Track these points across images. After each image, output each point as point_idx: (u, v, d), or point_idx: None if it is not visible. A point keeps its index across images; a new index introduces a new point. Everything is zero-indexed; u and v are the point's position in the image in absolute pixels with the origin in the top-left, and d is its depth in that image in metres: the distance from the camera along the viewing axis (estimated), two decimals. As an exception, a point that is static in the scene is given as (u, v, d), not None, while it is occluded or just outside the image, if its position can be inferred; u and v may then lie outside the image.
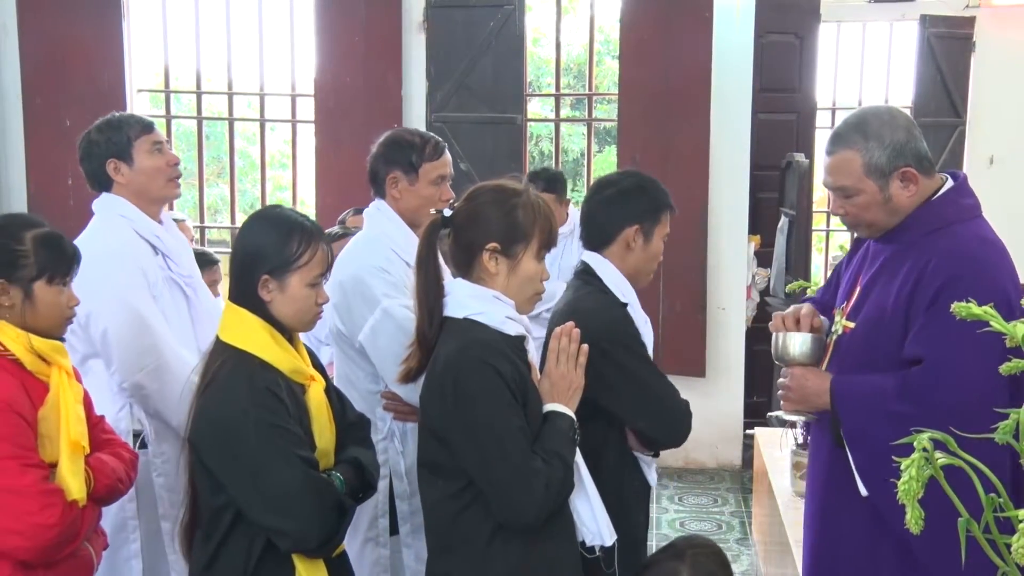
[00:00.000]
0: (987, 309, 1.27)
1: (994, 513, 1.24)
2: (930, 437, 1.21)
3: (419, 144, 2.75)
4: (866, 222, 2.21)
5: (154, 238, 2.78)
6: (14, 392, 2.07)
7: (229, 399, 1.98)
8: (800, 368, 2.23)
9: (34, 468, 2.07)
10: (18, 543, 2.04)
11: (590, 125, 6.97)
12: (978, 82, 6.63)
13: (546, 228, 2.07)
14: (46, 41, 5.92)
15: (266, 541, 2.00)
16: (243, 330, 2.04)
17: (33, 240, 2.15)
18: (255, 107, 6.77)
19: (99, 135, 2.83)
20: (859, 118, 2.18)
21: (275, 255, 2.04)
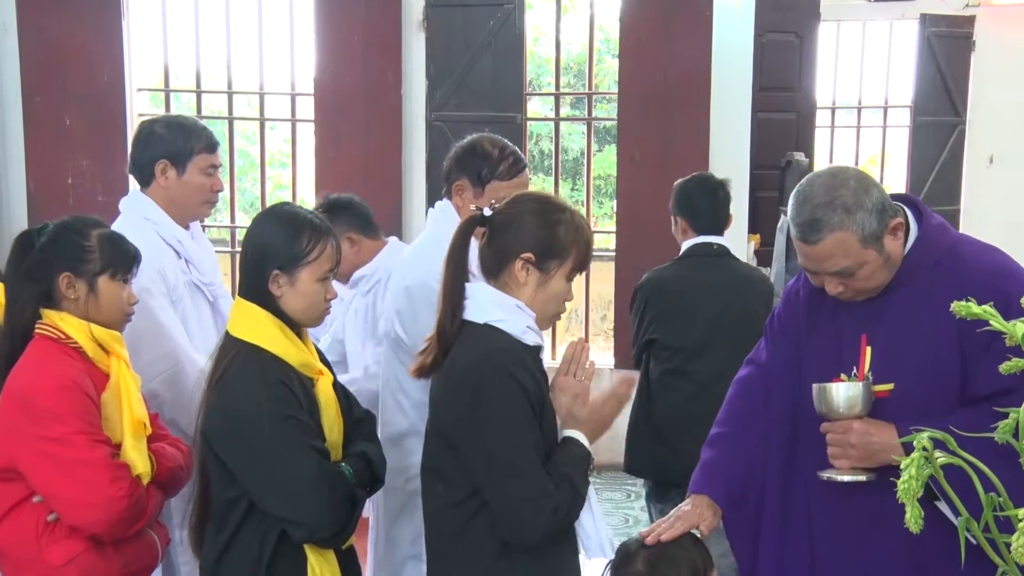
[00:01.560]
0: (987, 308, 1.27)
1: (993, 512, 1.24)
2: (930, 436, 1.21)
3: (495, 159, 2.60)
4: (871, 289, 2.08)
5: (176, 243, 2.74)
6: (80, 374, 2.16)
7: (242, 392, 2.01)
8: (860, 422, 2.02)
9: (102, 443, 2.14)
10: (92, 515, 2.10)
11: (590, 124, 6.97)
12: (978, 81, 6.63)
13: (583, 251, 2.05)
14: (46, 40, 5.92)
15: (280, 533, 2.02)
16: (253, 324, 2.07)
17: (98, 237, 2.25)
18: (255, 106, 6.77)
19: (166, 131, 2.73)
20: (828, 196, 2.00)
21: (285, 250, 2.06)
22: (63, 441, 2.08)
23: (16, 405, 2.13)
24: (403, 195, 6.02)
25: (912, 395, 2.03)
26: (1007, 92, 6.53)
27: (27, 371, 2.16)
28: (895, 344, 2.07)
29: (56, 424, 2.08)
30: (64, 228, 2.25)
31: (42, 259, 2.21)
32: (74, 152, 5.92)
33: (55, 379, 2.11)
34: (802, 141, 6.43)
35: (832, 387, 2.05)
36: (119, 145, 6.04)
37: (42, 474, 2.11)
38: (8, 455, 2.13)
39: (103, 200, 5.88)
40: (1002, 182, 6.33)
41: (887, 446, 1.97)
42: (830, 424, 2.06)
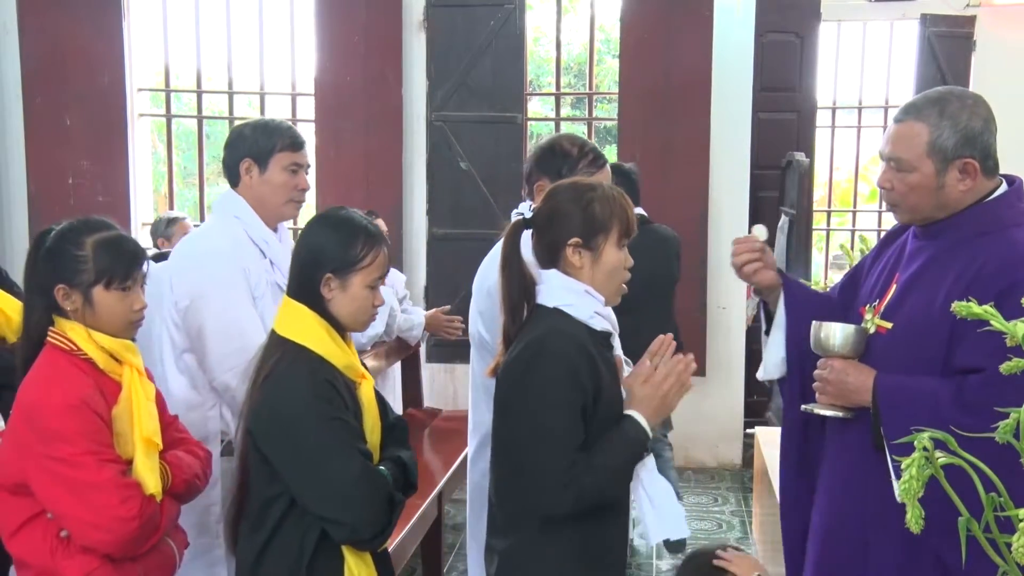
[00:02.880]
0: (987, 308, 1.26)
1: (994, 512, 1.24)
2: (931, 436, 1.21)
3: (575, 156, 2.63)
4: (909, 205, 2.08)
5: (263, 243, 2.74)
6: (89, 391, 2.12)
7: (291, 390, 2.03)
8: (841, 361, 2.10)
9: (111, 463, 2.10)
10: (100, 537, 2.08)
11: (590, 124, 6.97)
12: (978, 81, 6.62)
13: (624, 217, 2.11)
14: (46, 40, 5.92)
15: (319, 534, 2.04)
16: (300, 325, 2.09)
17: (93, 245, 2.18)
18: (255, 106, 6.76)
19: (251, 132, 2.78)
20: (941, 94, 2.07)
21: (340, 255, 2.09)
22: (71, 462, 2.05)
23: (25, 422, 2.10)
24: (403, 195, 6.03)
25: (900, 340, 2.07)
26: (1007, 92, 6.51)
27: (36, 387, 2.12)
28: (911, 288, 2.09)
29: (64, 445, 2.05)
30: (61, 236, 2.20)
31: (42, 269, 2.19)
32: (74, 152, 5.93)
33: (62, 397, 2.08)
34: (803, 141, 6.42)
35: (823, 325, 2.14)
36: (119, 145, 6.04)
37: (51, 494, 2.08)
38: (19, 472, 2.10)
39: (103, 200, 5.89)
40: (1003, 182, 6.33)
41: (860, 388, 2.05)
42: (820, 360, 2.15)
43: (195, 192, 7.62)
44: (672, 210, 5.36)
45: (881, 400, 2.02)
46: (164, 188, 7.61)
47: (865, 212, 8.39)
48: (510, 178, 6.08)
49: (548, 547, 2.04)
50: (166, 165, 7.24)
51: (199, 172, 6.70)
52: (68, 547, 2.11)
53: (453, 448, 4.55)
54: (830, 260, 8.41)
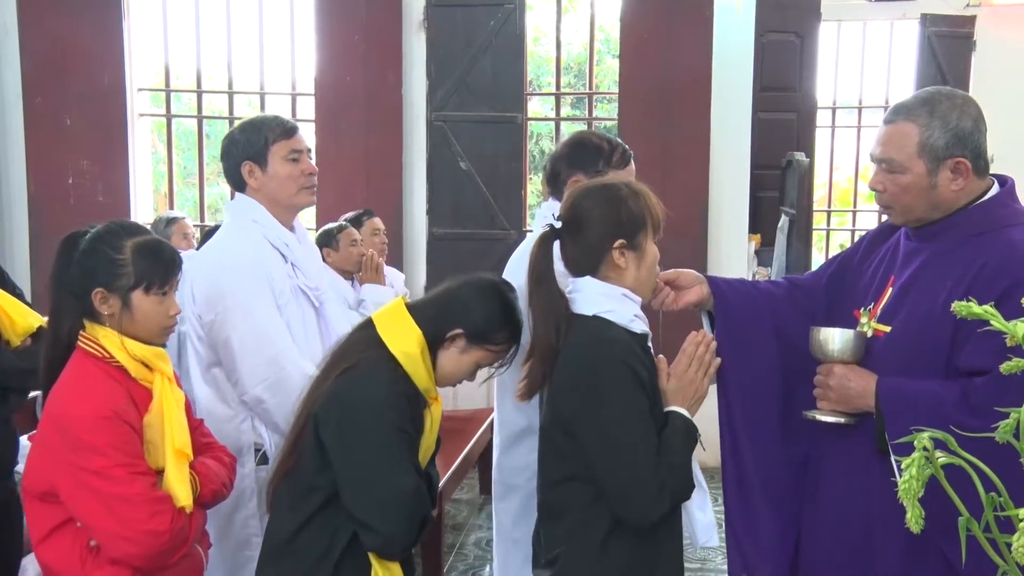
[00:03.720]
0: (987, 308, 1.26)
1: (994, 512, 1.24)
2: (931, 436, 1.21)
3: (607, 150, 2.63)
4: (902, 206, 2.08)
5: (283, 246, 2.67)
6: (121, 401, 2.10)
7: (368, 391, 2.03)
8: (842, 366, 2.08)
9: (142, 476, 2.08)
10: (129, 550, 2.05)
11: (590, 124, 6.96)
12: (978, 81, 6.63)
13: (655, 210, 2.12)
14: (46, 40, 5.92)
15: (350, 534, 2.03)
16: (403, 338, 2.10)
17: (133, 249, 2.16)
18: (255, 106, 6.76)
19: (240, 134, 2.71)
20: (930, 94, 2.06)
21: (481, 325, 2.13)
22: (102, 474, 2.04)
23: (56, 431, 2.08)
24: (403, 195, 6.03)
25: (900, 343, 2.05)
26: (1007, 92, 6.53)
27: (66, 395, 2.10)
28: (908, 291, 2.08)
29: (95, 456, 2.03)
30: (99, 239, 2.17)
31: (78, 272, 2.15)
32: (75, 152, 5.92)
33: (94, 408, 2.05)
34: (803, 141, 6.43)
35: (822, 331, 2.12)
36: (120, 145, 6.04)
37: (81, 505, 2.07)
38: (49, 480, 2.09)
39: (103, 200, 5.89)
40: (1003, 182, 6.32)
41: (863, 392, 2.03)
42: (820, 366, 2.12)
43: (195, 192, 7.62)
44: (672, 209, 5.34)
45: (884, 404, 2.00)
46: (164, 188, 7.61)
47: (865, 212, 8.40)
48: (510, 178, 6.08)
49: (608, 558, 2.02)
50: (166, 165, 7.24)
51: (199, 172, 6.70)
52: (97, 557, 2.09)
53: (453, 448, 4.55)
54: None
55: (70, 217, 3.04)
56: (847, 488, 2.14)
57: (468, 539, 4.94)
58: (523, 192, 6.15)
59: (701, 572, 4.56)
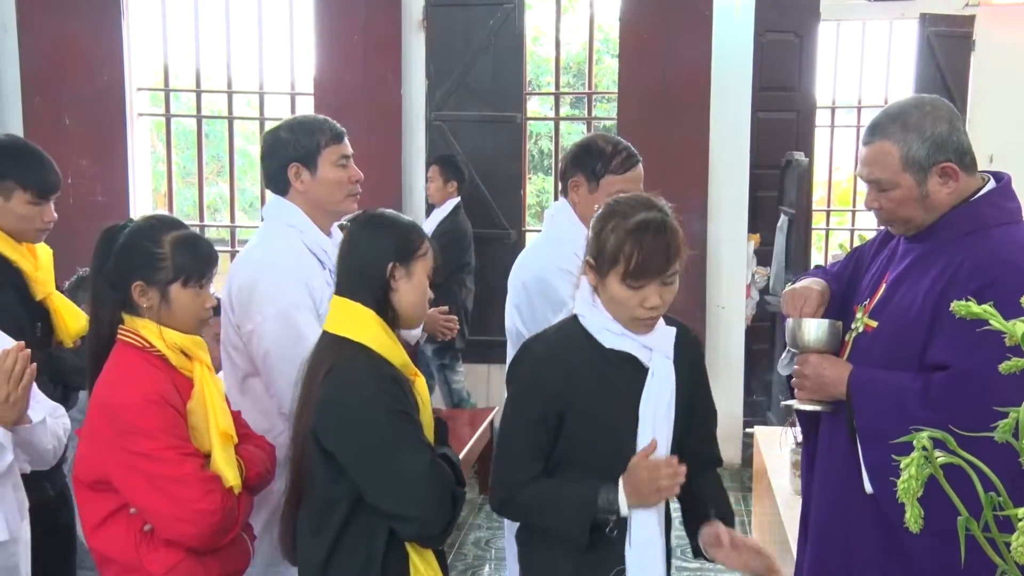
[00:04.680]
0: (987, 308, 1.26)
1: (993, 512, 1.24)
2: (930, 436, 1.21)
3: (609, 154, 2.68)
4: (901, 218, 2.11)
5: (322, 252, 2.59)
6: (165, 386, 2.13)
7: (356, 386, 2.03)
8: (818, 356, 2.13)
9: (192, 457, 2.11)
10: (185, 529, 2.09)
11: (590, 124, 6.97)
12: (977, 80, 6.63)
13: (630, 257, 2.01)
14: (45, 40, 5.92)
15: (388, 533, 2.03)
16: (357, 322, 2.09)
17: (172, 242, 2.19)
18: (254, 106, 6.77)
19: (289, 134, 2.65)
20: (900, 108, 2.09)
21: (402, 246, 2.12)
22: (153, 457, 2.07)
23: (105, 419, 2.11)
24: (403, 194, 6.03)
25: (882, 338, 2.11)
26: (1007, 92, 6.53)
27: (113, 384, 2.14)
28: (897, 288, 2.13)
29: (145, 440, 2.07)
30: (138, 233, 2.21)
31: (117, 266, 2.18)
32: (74, 152, 5.92)
33: (141, 394, 2.09)
34: (802, 141, 6.42)
35: (797, 321, 2.17)
36: (119, 145, 6.05)
37: (134, 489, 2.09)
38: (101, 468, 2.12)
39: (103, 200, 5.89)
40: (1002, 182, 6.32)
41: (836, 381, 2.09)
42: (799, 356, 2.19)
43: (194, 191, 7.62)
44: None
45: (854, 393, 2.06)
46: (163, 187, 7.61)
47: (864, 212, 8.40)
48: (509, 177, 6.08)
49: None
50: (165, 164, 7.25)
51: (198, 171, 6.70)
52: (152, 541, 2.12)
53: (454, 448, 4.55)
54: (829, 260, 8.42)
55: (69, 217, 3.04)
56: (835, 477, 2.20)
57: (468, 539, 4.94)
58: (522, 191, 6.15)
59: (700, 571, 4.56)
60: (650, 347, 2.06)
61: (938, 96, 2.17)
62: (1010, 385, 1.81)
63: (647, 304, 1.99)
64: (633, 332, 2.04)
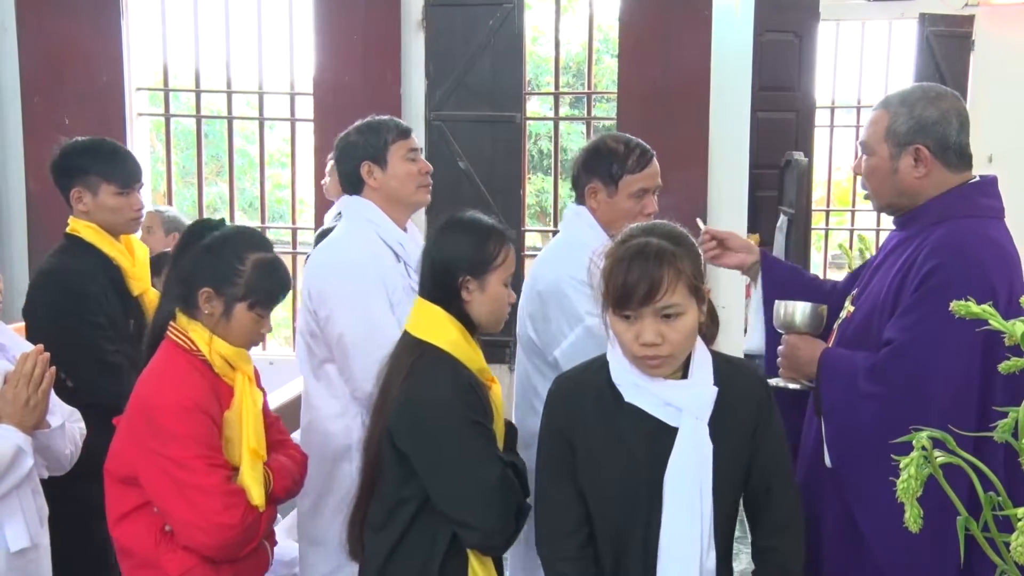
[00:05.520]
0: (986, 308, 1.27)
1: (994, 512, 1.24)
2: (930, 435, 1.21)
3: (622, 153, 2.64)
4: (872, 189, 2.23)
5: (397, 245, 2.73)
6: (204, 394, 2.13)
7: (434, 391, 2.04)
8: (796, 336, 2.25)
9: (219, 468, 2.12)
10: (201, 539, 2.09)
11: (589, 123, 6.97)
12: (977, 80, 6.64)
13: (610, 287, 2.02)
14: (45, 40, 5.92)
15: (450, 536, 2.04)
16: (436, 326, 2.11)
17: (253, 263, 2.19)
18: (254, 105, 6.76)
19: (358, 136, 2.78)
20: (912, 88, 2.21)
21: (475, 256, 2.13)
22: (182, 463, 2.07)
23: (141, 417, 2.12)
24: (402, 195, 6.02)
25: (855, 322, 2.23)
26: (1006, 92, 6.53)
27: (153, 383, 2.15)
28: (875, 275, 2.24)
29: (176, 445, 2.07)
30: (225, 241, 2.21)
31: (194, 265, 2.19)
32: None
33: (178, 399, 2.09)
34: (801, 140, 6.43)
35: (782, 304, 2.29)
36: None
37: (158, 490, 2.10)
38: (131, 464, 2.13)
39: (102, 200, 5.88)
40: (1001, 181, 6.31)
41: (809, 360, 2.19)
42: (783, 337, 2.31)
43: (194, 191, 7.62)
44: (670, 209, 5.35)
45: (821, 370, 2.16)
46: (163, 187, 7.61)
47: (864, 212, 8.41)
48: (509, 177, 6.08)
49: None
50: (165, 164, 7.25)
51: (198, 171, 6.70)
52: (171, 541, 2.13)
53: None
54: (829, 259, 8.42)
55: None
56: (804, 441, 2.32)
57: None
58: (522, 192, 6.15)
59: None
60: (679, 407, 1.87)
61: (956, 93, 2.23)
62: (944, 361, 1.93)
63: (642, 339, 1.82)
64: (648, 377, 1.87)
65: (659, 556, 1.87)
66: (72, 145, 2.95)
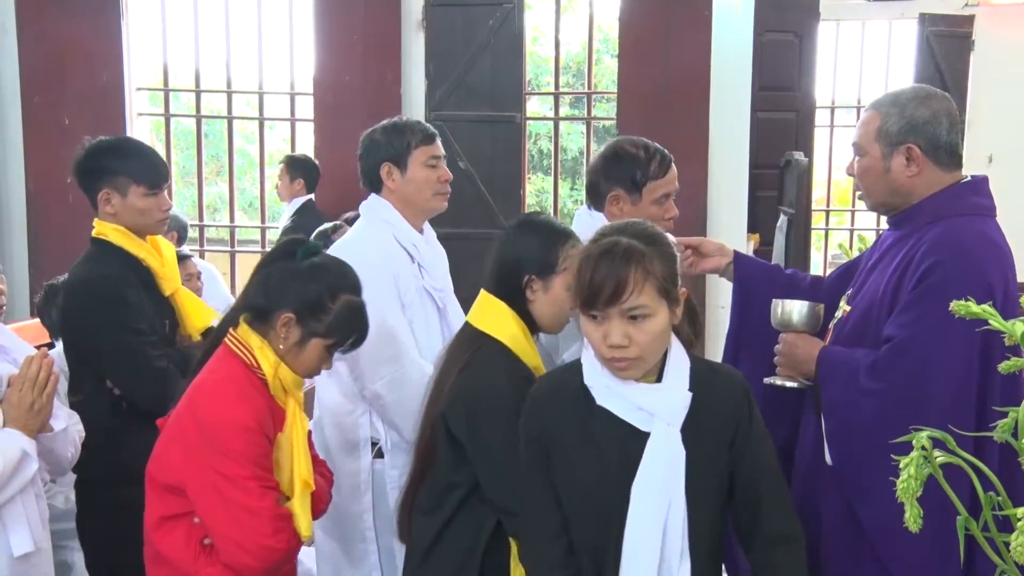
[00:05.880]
0: (986, 308, 1.27)
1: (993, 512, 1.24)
2: (929, 435, 1.22)
3: (644, 159, 2.56)
4: (865, 188, 2.25)
5: (411, 247, 2.74)
6: (263, 414, 2.10)
7: (493, 379, 2.07)
8: (793, 335, 2.25)
9: (272, 491, 2.09)
10: (245, 560, 2.05)
11: (589, 123, 6.98)
12: (977, 80, 6.64)
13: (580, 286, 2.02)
14: (45, 40, 5.92)
15: (495, 522, 2.07)
16: (498, 321, 2.14)
17: (343, 304, 2.17)
18: (254, 105, 6.77)
19: (382, 136, 2.80)
20: (901, 88, 2.23)
21: (542, 258, 2.13)
22: (235, 483, 2.04)
23: (195, 428, 2.08)
24: (402, 194, 6.02)
25: (852, 321, 2.23)
26: (1006, 91, 6.53)
27: (212, 397, 2.10)
28: (871, 275, 2.25)
29: (232, 463, 2.04)
30: (324, 274, 2.17)
31: (282, 285, 2.14)
32: (73, 151, 5.90)
33: (239, 417, 2.06)
34: (801, 140, 6.43)
35: (779, 302, 2.28)
36: (118, 144, 6.04)
37: (207, 505, 2.06)
38: (180, 474, 2.08)
39: (102, 199, 5.89)
40: (1001, 181, 6.28)
41: (807, 359, 2.19)
42: (780, 336, 2.29)
43: (194, 191, 7.62)
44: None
45: (820, 368, 2.16)
46: (163, 187, 7.60)
47: (864, 212, 8.41)
48: (509, 177, 6.08)
49: None
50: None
51: (198, 171, 6.70)
52: (210, 555, 2.09)
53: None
54: (829, 259, 8.42)
55: (68, 216, 3.04)
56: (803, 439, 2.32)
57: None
58: (522, 191, 6.15)
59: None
60: (651, 412, 1.81)
61: (946, 93, 2.25)
62: (943, 358, 1.95)
63: (608, 340, 1.76)
64: (619, 379, 1.82)
65: (621, 565, 1.80)
66: (97, 145, 2.92)
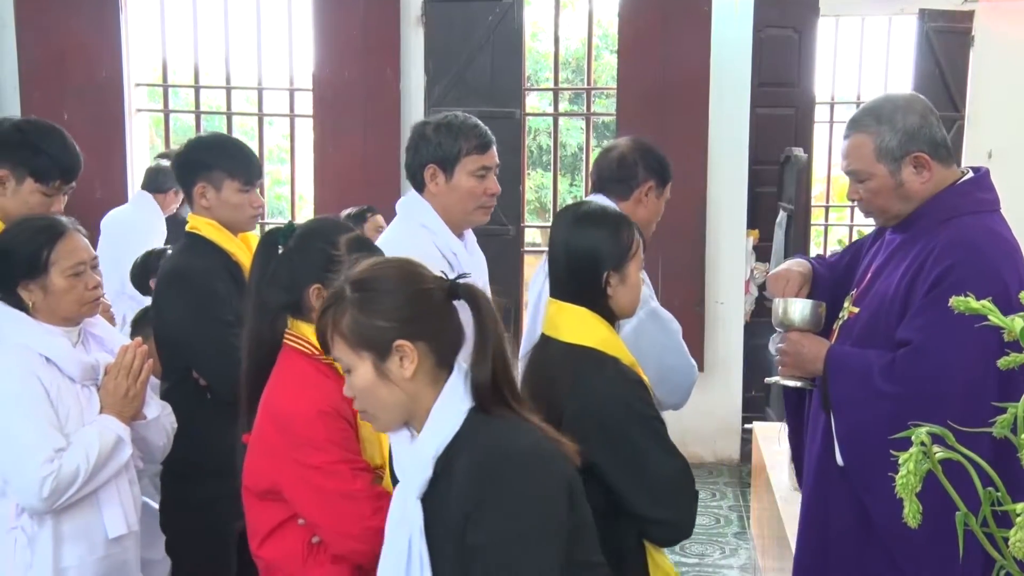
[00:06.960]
0: (985, 303, 1.27)
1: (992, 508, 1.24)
2: (929, 431, 1.21)
3: (667, 162, 2.72)
4: (878, 208, 2.22)
5: (452, 255, 2.60)
6: (338, 396, 2.01)
7: (609, 391, 1.99)
8: (798, 334, 2.24)
9: (363, 472, 2.05)
10: (355, 546, 2.01)
11: (588, 119, 6.97)
12: (977, 76, 6.62)
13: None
14: (44, 35, 5.91)
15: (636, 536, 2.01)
16: (584, 327, 2.07)
17: (346, 244, 2.13)
18: (253, 101, 6.76)
19: (434, 135, 2.62)
20: (874, 103, 2.21)
21: (615, 249, 2.09)
22: (325, 471, 2.00)
23: (276, 429, 2.05)
24: (401, 191, 6.01)
25: (861, 322, 2.22)
26: (1006, 87, 6.52)
27: (283, 393, 2.07)
28: (878, 276, 2.24)
29: (317, 453, 2.00)
30: (312, 234, 2.14)
31: (290, 267, 2.11)
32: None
33: (312, 404, 2.02)
34: (801, 136, 6.42)
35: (780, 301, 2.28)
36: (117, 140, 6.04)
37: (305, 502, 2.03)
38: (271, 478, 2.06)
39: (101, 195, 5.88)
40: (1001, 177, 6.26)
41: (814, 358, 2.19)
42: (783, 334, 2.30)
43: (193, 187, 7.60)
44: (670, 205, 5.36)
45: (829, 367, 2.16)
46: (162, 183, 7.59)
47: (863, 207, 8.41)
48: (508, 173, 6.07)
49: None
50: (164, 160, 7.24)
51: (197, 167, 6.69)
52: (319, 555, 2.06)
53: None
54: (828, 256, 8.41)
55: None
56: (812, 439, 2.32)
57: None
58: (521, 187, 6.15)
59: (699, 567, 4.57)
60: (402, 471, 1.71)
61: (913, 92, 2.31)
62: (968, 364, 1.93)
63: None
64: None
65: None
66: (198, 140, 2.97)
